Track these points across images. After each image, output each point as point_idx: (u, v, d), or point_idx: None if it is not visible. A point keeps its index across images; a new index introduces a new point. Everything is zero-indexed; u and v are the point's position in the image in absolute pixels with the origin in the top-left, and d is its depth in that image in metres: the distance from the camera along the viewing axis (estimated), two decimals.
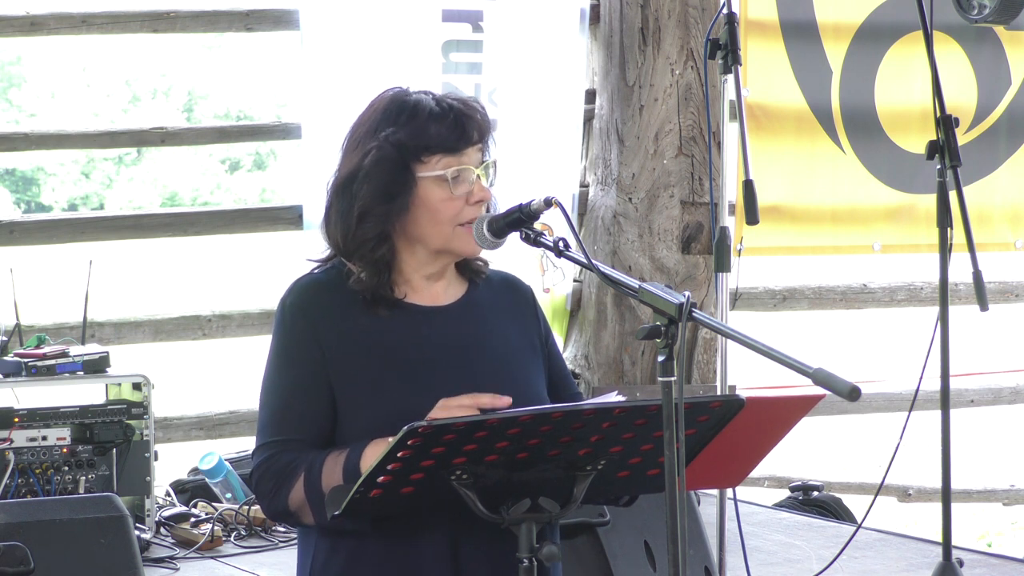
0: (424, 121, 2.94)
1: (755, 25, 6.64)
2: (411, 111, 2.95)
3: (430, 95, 2.99)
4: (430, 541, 2.87)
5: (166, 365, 7.63)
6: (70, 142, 6.85)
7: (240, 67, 22.38)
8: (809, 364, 2.55)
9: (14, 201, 21.34)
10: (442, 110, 2.96)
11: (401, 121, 2.95)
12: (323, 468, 2.83)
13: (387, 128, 2.94)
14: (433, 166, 2.94)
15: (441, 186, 2.94)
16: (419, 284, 3.01)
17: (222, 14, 6.57)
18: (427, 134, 2.93)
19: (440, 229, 2.96)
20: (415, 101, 2.97)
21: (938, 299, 4.79)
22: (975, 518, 9.49)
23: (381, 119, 2.97)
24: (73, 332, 6.03)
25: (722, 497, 4.97)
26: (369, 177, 2.93)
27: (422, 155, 2.94)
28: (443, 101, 2.98)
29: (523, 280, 3.17)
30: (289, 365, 2.94)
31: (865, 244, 6.96)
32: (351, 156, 2.97)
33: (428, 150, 2.94)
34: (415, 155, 2.93)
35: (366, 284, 2.95)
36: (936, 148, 4.81)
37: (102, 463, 5.56)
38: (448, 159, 2.94)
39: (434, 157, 2.94)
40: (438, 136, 2.94)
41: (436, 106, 2.96)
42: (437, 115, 2.95)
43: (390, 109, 2.97)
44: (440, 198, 2.94)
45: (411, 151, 2.93)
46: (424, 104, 2.96)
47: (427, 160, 2.94)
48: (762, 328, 4.39)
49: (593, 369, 6.88)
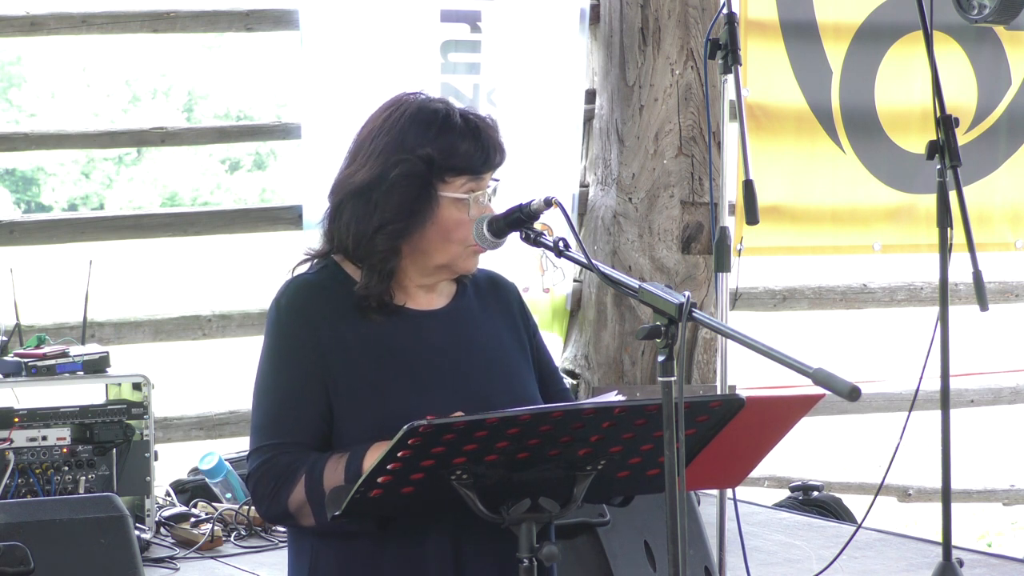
0: (454, 139, 2.91)
1: (755, 25, 6.64)
2: (440, 125, 2.92)
3: (453, 108, 2.96)
4: (432, 542, 2.87)
5: (166, 365, 7.62)
6: (70, 142, 6.85)
7: (240, 67, 22.37)
8: (809, 364, 2.55)
9: (14, 201, 21.33)
10: (469, 128, 2.93)
11: (431, 135, 2.91)
12: (325, 470, 2.83)
13: (416, 140, 2.91)
14: (456, 188, 2.93)
15: (460, 208, 2.93)
16: (414, 292, 3.00)
17: (222, 14, 6.57)
18: (456, 154, 2.91)
19: (449, 248, 2.95)
20: (444, 114, 2.93)
21: (938, 299, 4.79)
22: (975, 518, 9.49)
23: (409, 128, 2.92)
24: (73, 332, 6.03)
25: (722, 497, 4.97)
26: (393, 190, 2.90)
27: (447, 175, 2.92)
28: (469, 118, 2.95)
29: (506, 278, 3.17)
30: (285, 367, 2.93)
31: (865, 244, 6.95)
32: (372, 162, 2.93)
33: (454, 171, 2.92)
34: (440, 174, 2.91)
35: (371, 291, 2.94)
36: (936, 148, 4.81)
37: (102, 463, 5.55)
38: (471, 183, 2.93)
39: (459, 179, 2.93)
40: (466, 157, 2.92)
41: (464, 123, 2.93)
42: (465, 134, 2.92)
43: (418, 119, 2.93)
44: (456, 219, 2.93)
45: (438, 169, 2.91)
46: (453, 119, 2.93)
47: (451, 181, 2.92)
48: (762, 328, 4.39)
49: (593, 369, 6.88)
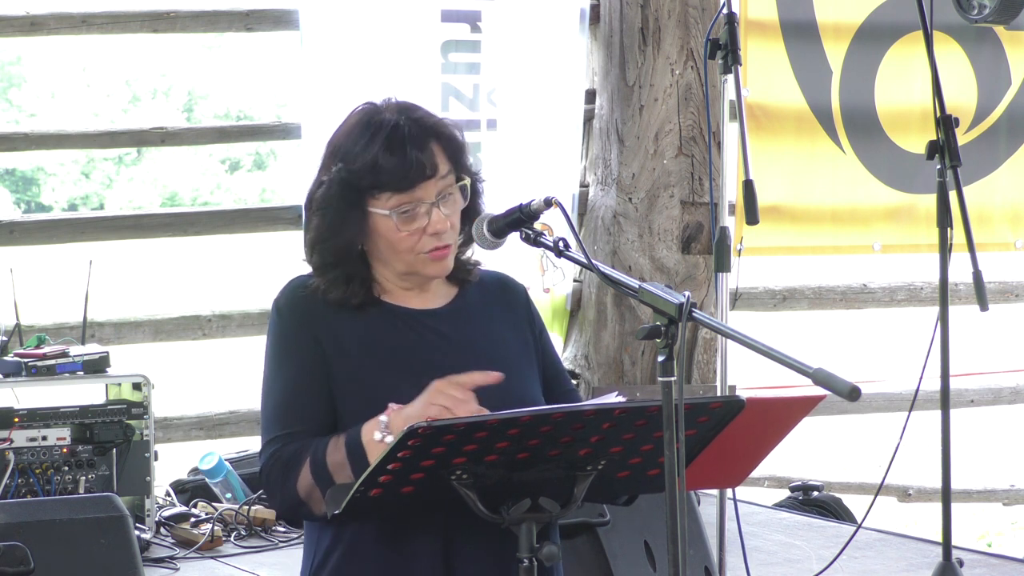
0: (374, 156, 2.89)
1: (755, 25, 6.64)
2: (367, 141, 2.90)
3: (396, 117, 2.92)
4: (424, 541, 2.87)
5: (166, 365, 7.62)
6: (70, 142, 6.85)
7: (240, 67, 22.37)
8: (809, 364, 2.55)
9: (14, 201, 21.33)
10: (396, 142, 2.89)
11: (354, 152, 2.90)
12: (327, 449, 2.84)
13: (343, 157, 2.91)
14: (383, 203, 2.91)
15: (390, 222, 2.92)
16: (401, 293, 3.01)
17: (222, 14, 6.57)
18: (375, 171, 2.89)
19: (401, 257, 2.95)
20: (375, 129, 2.91)
21: (938, 299, 4.79)
22: (975, 518, 9.49)
23: (343, 143, 2.94)
24: (73, 332, 6.03)
25: (722, 497, 4.97)
26: (321, 208, 2.93)
27: (372, 191, 2.91)
28: (399, 130, 2.90)
29: (516, 279, 3.16)
30: (288, 361, 2.95)
31: (865, 244, 6.95)
32: (319, 174, 2.97)
33: (377, 188, 2.90)
34: (365, 191, 2.91)
35: (331, 299, 2.95)
36: (936, 148, 4.81)
37: (102, 463, 5.55)
38: (398, 196, 2.90)
39: (384, 194, 2.91)
40: (387, 172, 2.89)
41: (393, 136, 2.90)
42: (391, 148, 2.89)
43: (352, 133, 2.94)
44: (392, 234, 2.92)
45: (360, 188, 2.90)
46: (380, 134, 2.90)
47: (377, 196, 2.91)
48: (762, 328, 4.39)
49: (593, 369, 6.88)
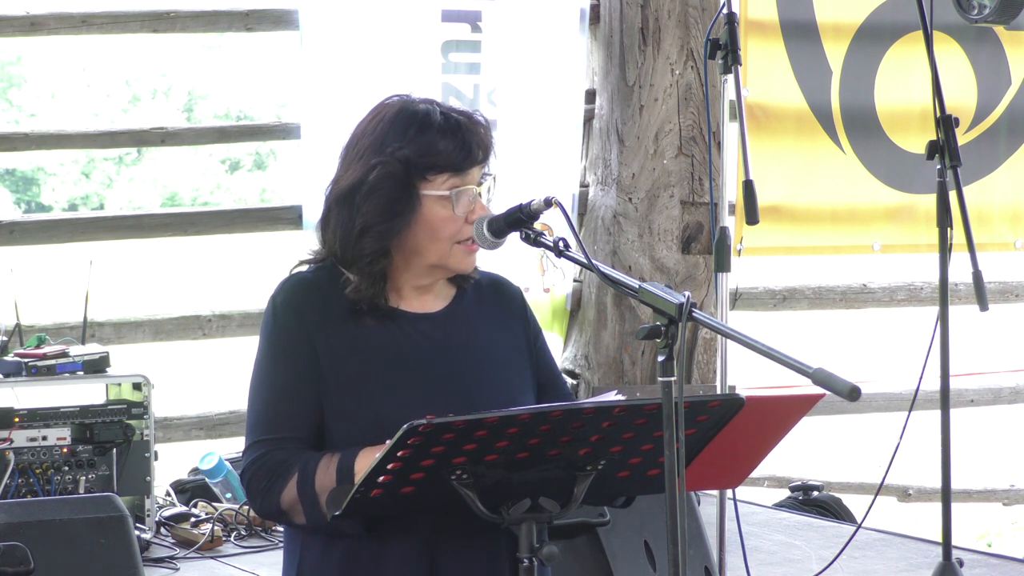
0: (432, 138, 2.91)
1: (755, 25, 6.64)
2: (420, 125, 2.92)
3: (436, 106, 2.96)
4: (406, 542, 2.87)
5: (166, 365, 7.62)
6: (70, 142, 6.85)
7: (240, 67, 22.37)
8: (809, 364, 2.55)
9: (14, 201, 21.32)
10: (449, 126, 2.93)
11: (409, 135, 2.91)
12: (317, 468, 2.83)
13: (394, 142, 2.92)
14: (438, 185, 2.92)
15: (444, 205, 2.93)
16: (409, 294, 3.01)
17: (222, 14, 6.57)
18: (434, 152, 2.91)
19: (438, 246, 2.95)
20: (424, 113, 2.94)
21: (938, 299, 4.79)
22: (975, 518, 9.48)
23: (389, 131, 2.93)
24: (73, 332, 6.03)
25: (722, 497, 4.97)
26: (373, 193, 2.91)
27: (427, 173, 2.92)
28: (450, 116, 2.95)
29: (512, 281, 3.17)
30: (280, 362, 2.94)
31: (865, 244, 6.95)
32: (355, 166, 2.94)
33: (434, 169, 2.92)
34: (420, 173, 2.91)
35: (363, 294, 2.94)
36: (936, 148, 4.80)
37: (102, 463, 5.55)
38: (453, 179, 2.93)
39: (440, 176, 2.92)
40: (445, 155, 2.91)
41: (444, 121, 2.93)
42: (444, 131, 2.92)
43: (398, 120, 2.94)
44: (441, 217, 2.93)
45: (417, 169, 2.91)
46: (432, 118, 2.93)
47: (432, 179, 2.92)
48: (762, 328, 4.39)
49: (593, 369, 6.88)
